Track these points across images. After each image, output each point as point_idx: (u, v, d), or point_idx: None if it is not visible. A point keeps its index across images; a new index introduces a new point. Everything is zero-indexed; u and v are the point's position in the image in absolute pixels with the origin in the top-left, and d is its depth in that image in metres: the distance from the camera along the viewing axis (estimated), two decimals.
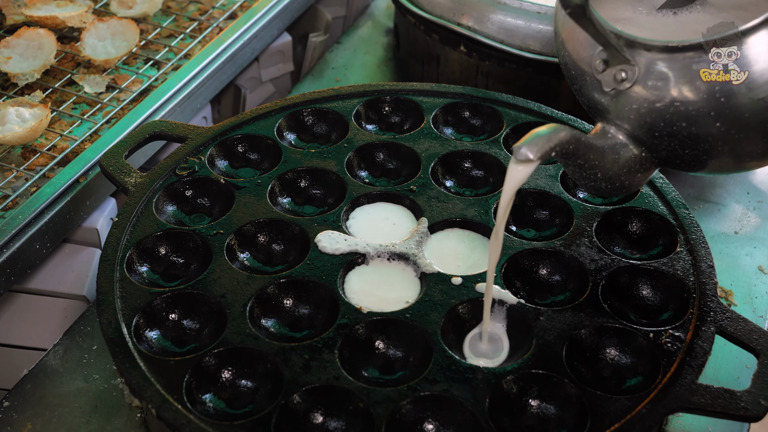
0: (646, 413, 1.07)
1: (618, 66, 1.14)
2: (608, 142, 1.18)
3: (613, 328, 1.19)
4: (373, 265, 1.30)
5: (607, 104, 1.18)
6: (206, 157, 1.45)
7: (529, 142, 1.06)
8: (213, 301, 1.22)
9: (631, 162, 1.19)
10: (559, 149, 1.08)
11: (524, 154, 1.06)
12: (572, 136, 1.10)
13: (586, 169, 1.16)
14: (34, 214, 1.40)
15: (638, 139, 1.17)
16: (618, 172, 1.18)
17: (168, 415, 1.07)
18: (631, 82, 1.13)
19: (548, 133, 1.08)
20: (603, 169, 1.16)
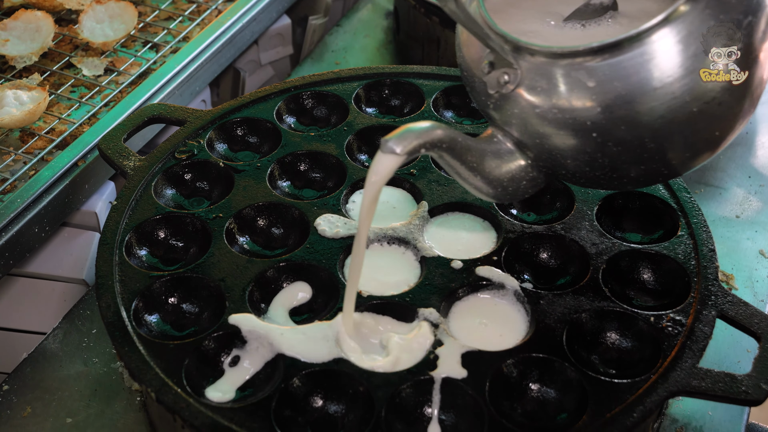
0: (647, 397, 1.07)
1: (501, 69, 1.12)
2: (492, 147, 1.16)
3: (613, 312, 1.19)
4: (373, 249, 1.29)
5: (492, 107, 1.15)
6: (205, 140, 1.45)
7: (398, 137, 1.05)
8: (212, 284, 1.22)
9: (515, 169, 1.17)
10: (429, 147, 1.07)
11: (390, 148, 1.05)
12: (448, 136, 1.09)
13: (464, 170, 1.14)
14: (32, 198, 1.40)
15: (524, 146, 1.15)
16: (500, 178, 1.17)
17: (167, 398, 1.07)
18: (513, 85, 1.11)
19: (420, 130, 1.06)
20: (482, 172, 1.15)
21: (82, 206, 1.50)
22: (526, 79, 1.10)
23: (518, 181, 1.18)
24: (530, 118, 1.11)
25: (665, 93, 1.05)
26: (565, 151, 1.12)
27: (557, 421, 1.09)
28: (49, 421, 1.24)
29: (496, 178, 1.17)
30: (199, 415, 1.05)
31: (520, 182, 1.18)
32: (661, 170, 1.15)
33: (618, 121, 1.07)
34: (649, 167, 1.13)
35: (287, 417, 1.08)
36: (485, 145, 1.16)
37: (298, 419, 1.09)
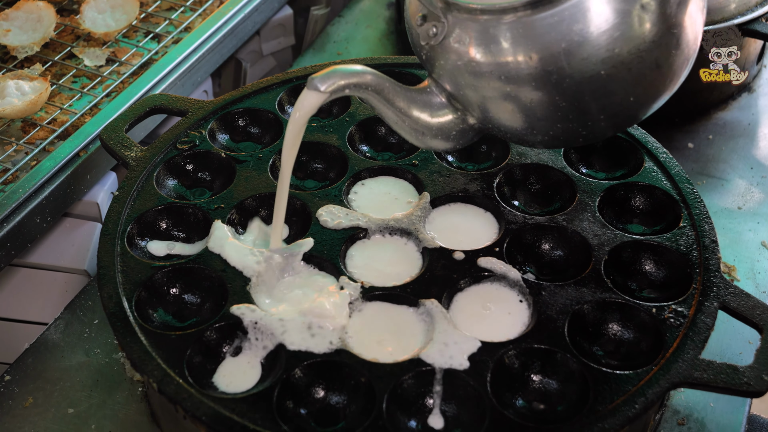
0: (649, 388, 1.07)
1: (431, 21, 1.17)
2: (423, 97, 1.21)
3: (615, 304, 1.19)
4: (374, 240, 1.29)
5: (425, 58, 1.21)
6: (207, 131, 1.44)
7: (324, 76, 1.12)
8: (214, 275, 1.22)
9: (445, 122, 1.22)
10: (354, 88, 1.14)
11: (315, 85, 1.12)
12: (376, 81, 1.15)
13: (392, 115, 1.20)
14: (34, 188, 1.39)
15: (453, 98, 1.20)
16: (429, 127, 1.22)
17: (169, 389, 1.07)
18: (440, 37, 1.16)
19: (347, 71, 1.14)
20: (411, 119, 1.20)
21: (83, 197, 1.50)
22: (451, 32, 1.15)
23: (447, 132, 1.23)
24: (455, 70, 1.16)
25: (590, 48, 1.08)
26: (485, 104, 1.18)
27: (558, 412, 1.09)
28: (51, 411, 1.25)
29: (426, 127, 1.22)
30: (201, 405, 1.05)
31: (449, 133, 1.23)
32: (578, 130, 1.19)
33: (530, 78, 1.11)
34: (567, 126, 1.17)
35: (289, 408, 1.08)
36: (416, 94, 1.21)
37: (300, 410, 1.09)
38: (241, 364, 1.13)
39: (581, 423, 1.04)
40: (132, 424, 1.23)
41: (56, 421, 1.23)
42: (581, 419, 1.05)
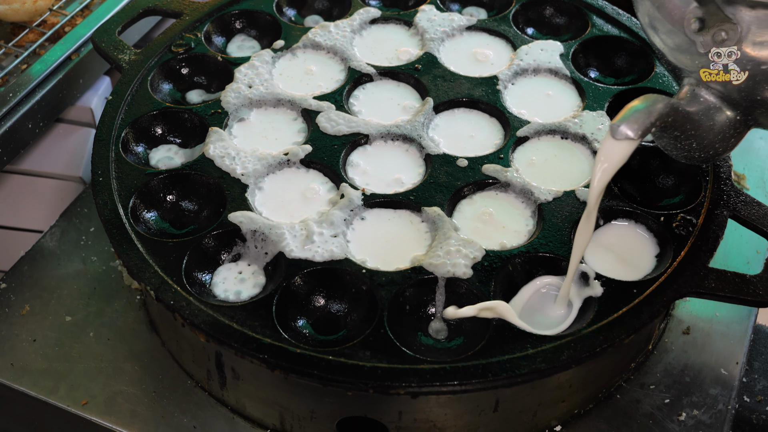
0: (655, 297, 1.06)
1: (717, 25, 1.01)
2: (701, 107, 1.06)
3: (623, 212, 1.17)
4: (376, 146, 1.26)
5: (701, 66, 1.05)
6: (203, 33, 1.41)
7: (629, 119, 0.97)
8: (211, 182, 1.20)
9: (726, 126, 1.07)
10: (659, 123, 0.99)
11: (623, 132, 0.96)
12: (670, 106, 1.00)
13: (682, 140, 1.06)
14: (24, 93, 1.37)
15: (733, 101, 1.05)
16: (713, 140, 1.07)
17: (167, 297, 1.06)
18: (732, 42, 1.01)
19: (647, 106, 0.98)
20: (698, 138, 1.06)
21: (76, 102, 1.47)
22: (747, 34, 1.00)
23: (728, 139, 1.08)
24: (754, 75, 1.01)
25: None
26: None
27: None
28: (48, 319, 1.24)
29: (711, 141, 1.07)
30: (200, 313, 1.04)
31: (729, 140, 1.08)
32: None
33: None
34: None
35: (289, 316, 1.07)
36: (695, 106, 1.06)
37: (301, 318, 1.08)
38: (240, 271, 1.12)
39: (586, 332, 1.03)
40: (130, 332, 1.23)
41: (54, 329, 1.23)
42: (587, 328, 1.04)
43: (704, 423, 1.13)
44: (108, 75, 1.52)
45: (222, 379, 1.11)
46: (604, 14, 1.44)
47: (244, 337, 1.02)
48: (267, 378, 1.06)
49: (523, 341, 1.02)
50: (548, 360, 1.00)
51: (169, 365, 1.19)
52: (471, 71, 1.38)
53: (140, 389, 1.17)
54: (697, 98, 1.07)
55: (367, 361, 1.00)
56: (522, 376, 0.99)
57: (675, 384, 1.17)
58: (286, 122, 1.30)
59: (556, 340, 1.02)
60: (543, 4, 1.49)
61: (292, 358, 1.00)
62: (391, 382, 0.98)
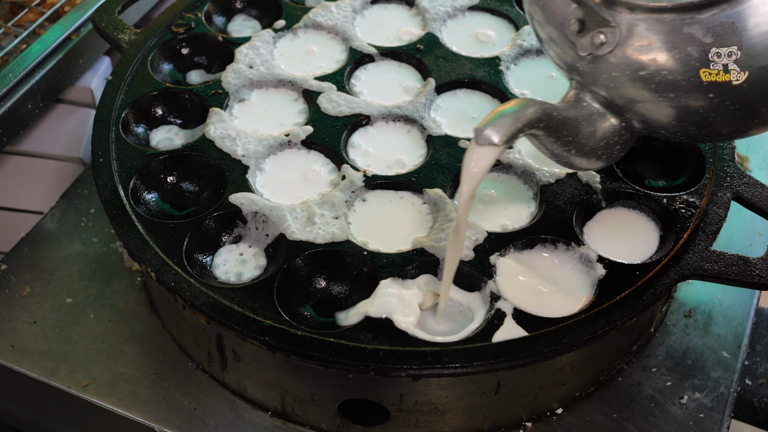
0: (658, 280, 1.06)
1: (596, 28, 0.99)
2: (583, 112, 1.03)
3: (625, 193, 1.16)
4: (377, 127, 1.26)
5: (582, 69, 1.02)
6: (203, 13, 1.40)
7: (494, 123, 0.92)
8: (212, 162, 1.19)
9: (610, 133, 1.03)
10: (527, 129, 0.94)
11: (487, 138, 0.92)
12: (542, 111, 0.96)
13: (559, 146, 1.02)
14: (24, 73, 1.35)
15: (617, 107, 1.03)
16: (595, 146, 1.03)
17: (168, 278, 1.06)
18: (611, 46, 0.98)
19: (515, 111, 0.94)
20: (577, 144, 1.02)
21: (76, 82, 1.46)
22: (626, 38, 0.97)
23: (612, 147, 1.04)
24: (633, 81, 0.99)
25: None
26: (669, 113, 1.00)
27: None
28: (49, 300, 1.24)
29: (592, 148, 1.03)
30: (201, 295, 1.04)
31: (614, 147, 1.05)
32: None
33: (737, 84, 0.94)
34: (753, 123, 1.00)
35: (290, 297, 1.07)
36: (575, 111, 1.03)
37: (301, 300, 1.07)
38: (241, 253, 1.12)
39: (588, 315, 1.03)
40: (131, 313, 1.22)
41: (54, 310, 1.23)
42: (588, 311, 1.03)
43: (706, 406, 1.13)
44: (108, 55, 1.51)
45: (223, 361, 1.11)
46: None
47: (245, 319, 1.01)
48: (268, 360, 1.06)
49: (525, 324, 1.02)
50: (550, 342, 1.00)
51: (169, 347, 1.19)
52: (473, 52, 1.37)
53: (141, 371, 1.16)
54: (579, 103, 1.03)
55: (368, 343, 1.00)
56: (524, 358, 0.99)
57: (677, 367, 1.17)
58: (287, 103, 1.29)
59: (558, 323, 1.02)
60: None
61: (294, 341, 0.99)
62: (393, 364, 0.98)
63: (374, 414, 1.07)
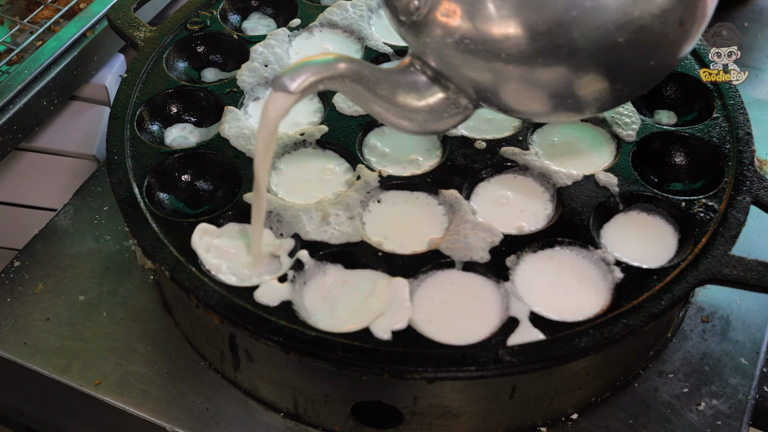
0: (676, 284, 1.05)
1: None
2: (407, 78, 1.03)
3: (642, 196, 1.15)
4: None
5: (404, 35, 1.03)
6: (218, 11, 1.39)
7: (293, 72, 0.94)
8: (227, 161, 1.19)
9: (435, 103, 1.05)
10: (330, 82, 0.96)
11: (283, 84, 0.93)
12: (351, 70, 0.97)
13: (376, 106, 1.02)
14: (39, 70, 1.35)
15: (443, 76, 1.03)
16: (417, 111, 1.04)
17: (181, 277, 1.05)
18: (425, 9, 0.98)
19: (317, 63, 0.95)
20: (397, 106, 1.03)
21: (91, 79, 1.46)
22: (438, 4, 0.97)
23: (439, 114, 1.06)
24: (444, 48, 0.99)
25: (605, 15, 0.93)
26: (482, 84, 1.01)
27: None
28: (62, 297, 1.23)
29: (414, 112, 1.05)
30: (214, 294, 1.03)
31: (441, 114, 1.06)
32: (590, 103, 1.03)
33: (535, 53, 0.95)
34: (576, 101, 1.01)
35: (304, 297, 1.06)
36: (399, 76, 1.04)
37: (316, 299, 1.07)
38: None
39: (605, 319, 1.02)
40: (143, 312, 1.22)
41: (67, 308, 1.22)
42: (605, 315, 1.02)
43: (723, 413, 1.12)
44: (122, 53, 1.51)
45: (235, 361, 1.10)
46: None
47: (259, 319, 1.01)
48: (281, 361, 1.05)
49: (541, 327, 1.01)
50: (566, 346, 0.99)
51: (182, 346, 1.18)
52: None
53: (153, 370, 1.16)
54: (407, 69, 1.04)
55: (382, 345, 0.99)
56: (539, 362, 0.98)
57: (694, 373, 1.16)
58: (302, 102, 1.28)
59: (574, 327, 1.01)
60: None
61: (307, 341, 0.99)
62: (407, 366, 0.97)
63: (387, 416, 1.07)
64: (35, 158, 1.46)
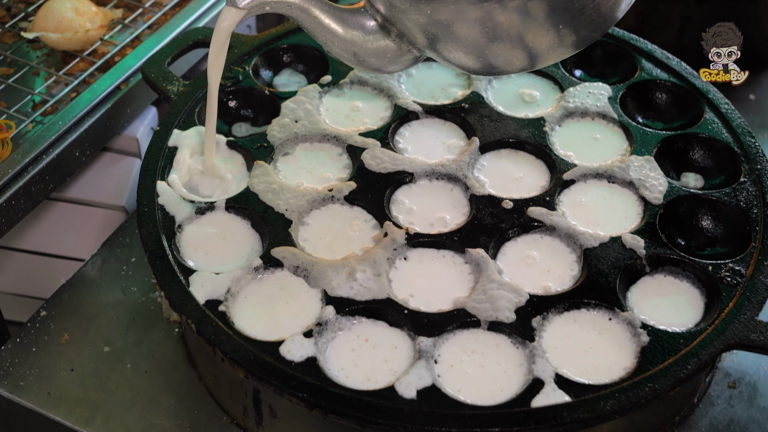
0: (702, 349, 1.04)
1: None
2: (356, 19, 1.12)
3: (669, 260, 1.15)
4: (420, 185, 1.26)
5: None
6: (251, 66, 1.41)
7: None
8: (256, 216, 1.20)
9: (381, 49, 1.13)
10: (276, 5, 1.09)
11: (233, 0, 1.08)
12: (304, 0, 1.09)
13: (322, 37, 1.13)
14: (73, 121, 1.38)
15: (390, 23, 1.10)
16: (362, 50, 1.13)
17: (207, 330, 1.06)
18: None
19: None
20: (342, 41, 1.12)
21: (123, 131, 1.48)
22: None
23: (382, 57, 1.14)
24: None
25: None
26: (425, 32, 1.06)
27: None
28: (87, 348, 1.24)
29: (360, 50, 1.13)
30: (240, 348, 1.04)
31: (384, 57, 1.14)
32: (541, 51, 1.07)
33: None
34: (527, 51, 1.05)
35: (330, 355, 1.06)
36: (348, 15, 1.12)
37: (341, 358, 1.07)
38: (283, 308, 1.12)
39: (631, 382, 1.01)
40: (168, 364, 1.22)
41: (92, 358, 1.23)
42: (631, 378, 1.02)
43: None
44: (155, 105, 1.54)
45: (258, 416, 1.10)
46: (653, 58, 1.43)
47: (283, 374, 1.01)
48: (305, 417, 1.05)
49: (566, 389, 1.00)
50: (591, 410, 0.99)
51: (205, 400, 1.19)
52: (518, 112, 1.37)
53: (175, 423, 1.16)
54: (360, 11, 1.12)
55: (406, 404, 0.99)
56: (564, 425, 0.98)
57: None
58: (331, 158, 1.30)
59: (600, 390, 1.00)
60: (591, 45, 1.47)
61: (332, 398, 0.99)
62: (431, 426, 0.97)
63: None
64: (65, 208, 1.48)
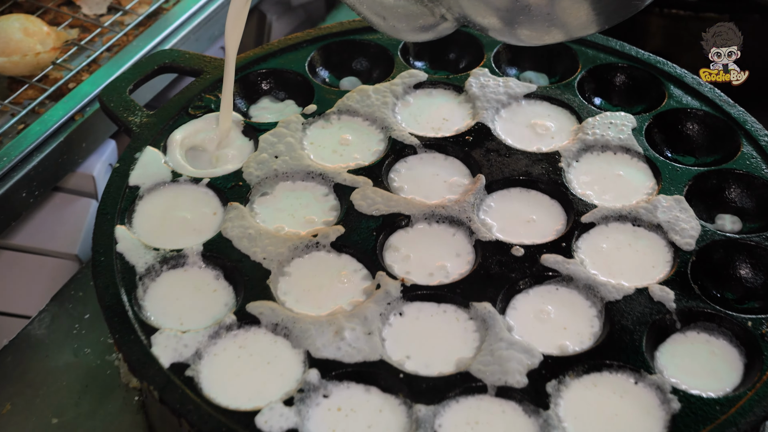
0: (742, 417, 1.05)
1: None
2: None
3: (703, 314, 1.16)
4: (418, 230, 1.27)
5: None
6: None
7: None
8: (229, 265, 1.21)
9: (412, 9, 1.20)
10: None
11: None
12: None
13: None
14: (20, 157, 1.39)
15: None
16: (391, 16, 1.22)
17: (172, 398, 1.06)
18: None
19: None
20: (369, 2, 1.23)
21: (77, 168, 1.49)
22: None
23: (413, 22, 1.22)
24: None
25: None
26: None
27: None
28: (32, 420, 1.24)
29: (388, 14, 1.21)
30: (210, 419, 1.04)
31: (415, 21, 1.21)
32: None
33: None
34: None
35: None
36: None
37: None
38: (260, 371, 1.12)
39: None
40: None
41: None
42: None
43: None
44: (114, 138, 1.55)
45: None
46: (683, 84, 1.44)
47: None
48: None
49: None
50: None
51: None
52: (529, 145, 1.39)
53: None
54: None
55: None
56: None
57: None
58: (316, 198, 1.31)
59: None
60: (613, 70, 1.50)
61: None
62: None
63: None
64: (9, 257, 1.49)
